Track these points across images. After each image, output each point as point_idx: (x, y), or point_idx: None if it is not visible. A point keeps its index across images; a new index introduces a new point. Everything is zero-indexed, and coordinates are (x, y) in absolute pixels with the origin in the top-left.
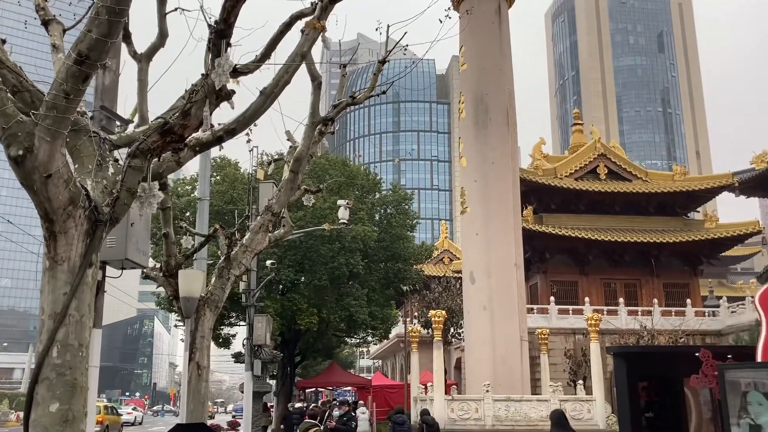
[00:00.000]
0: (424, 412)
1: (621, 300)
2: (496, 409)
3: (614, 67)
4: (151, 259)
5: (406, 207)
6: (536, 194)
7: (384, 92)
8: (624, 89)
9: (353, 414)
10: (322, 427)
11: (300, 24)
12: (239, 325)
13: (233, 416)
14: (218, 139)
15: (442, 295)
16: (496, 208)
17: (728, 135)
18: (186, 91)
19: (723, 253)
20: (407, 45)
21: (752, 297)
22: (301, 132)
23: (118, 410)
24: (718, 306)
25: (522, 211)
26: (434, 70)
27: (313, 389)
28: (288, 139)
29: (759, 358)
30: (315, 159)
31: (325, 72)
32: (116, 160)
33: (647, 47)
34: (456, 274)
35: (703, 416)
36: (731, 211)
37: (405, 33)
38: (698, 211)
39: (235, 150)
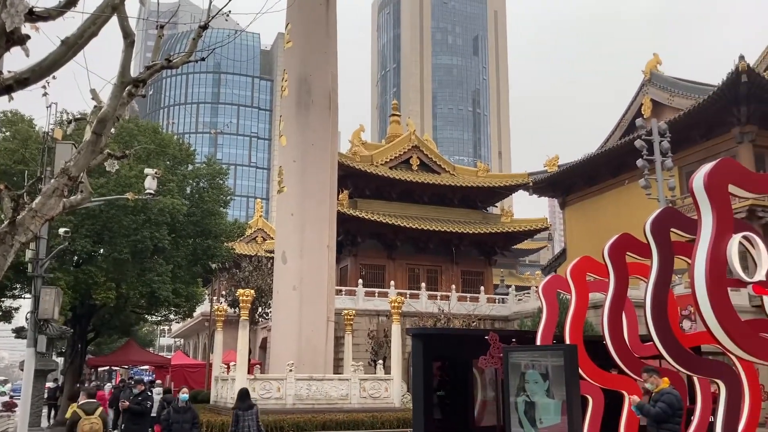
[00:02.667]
0: (166, 391)
1: (423, 284)
2: (298, 388)
3: (433, 64)
4: None
5: (221, 182)
6: (353, 179)
7: (203, 59)
8: (440, 86)
9: (149, 394)
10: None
11: None
12: (24, 298)
13: (11, 396)
14: (7, 88)
15: (253, 274)
16: (313, 190)
17: (528, 138)
18: None
19: (515, 246)
20: (230, 12)
21: (537, 287)
22: (108, 92)
23: None
24: (507, 294)
25: (338, 195)
26: (259, 45)
27: (107, 368)
28: (93, 98)
29: (538, 342)
30: (123, 123)
31: (141, 30)
32: None
33: (464, 49)
34: (268, 254)
35: (488, 394)
36: (525, 208)
37: (229, 0)
38: (496, 206)
39: (30, 105)
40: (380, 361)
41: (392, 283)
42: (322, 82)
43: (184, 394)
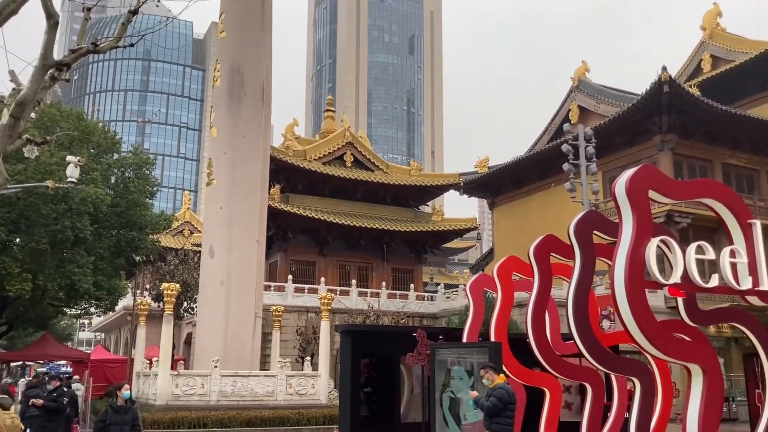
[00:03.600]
0: (30, 385)
1: (353, 281)
2: (223, 384)
3: (369, 62)
4: None
5: (147, 172)
6: (285, 174)
7: (132, 45)
8: (375, 84)
9: (65, 389)
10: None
11: None
12: None
13: None
14: None
15: (179, 267)
16: (243, 183)
17: (461, 139)
18: None
19: (445, 245)
20: None
21: (465, 285)
22: (29, 75)
23: None
24: (436, 292)
25: (269, 189)
26: (191, 33)
27: (20, 363)
28: (11, 80)
29: (465, 339)
30: (44, 107)
31: (66, 12)
32: None
33: (399, 48)
34: (195, 248)
35: (414, 391)
36: (455, 207)
37: None
38: (428, 205)
39: None
40: (308, 358)
41: (322, 279)
42: (255, 73)
43: (126, 391)
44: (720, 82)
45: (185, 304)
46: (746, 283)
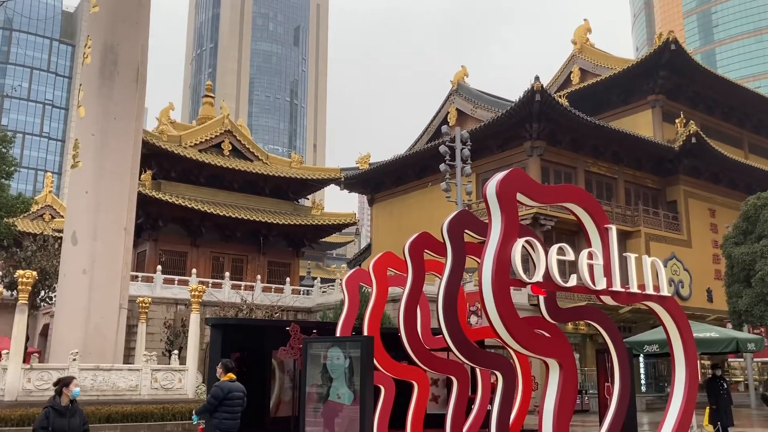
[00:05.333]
0: None
1: (227, 274)
2: (82, 378)
3: (252, 50)
4: None
5: (5, 150)
6: (158, 159)
7: None
8: (258, 73)
9: None
10: None
11: None
12: None
13: None
14: None
15: (37, 254)
16: (112, 167)
17: (344, 134)
18: None
19: (323, 239)
20: None
21: (341, 280)
22: None
23: None
24: (312, 286)
25: (140, 175)
26: (60, 5)
27: None
28: None
29: (338, 333)
30: None
31: None
32: None
33: (284, 38)
34: (57, 233)
35: (285, 385)
36: (335, 202)
37: None
38: (308, 199)
39: None
40: (176, 352)
41: (194, 271)
42: (130, 53)
43: (76, 388)
44: (587, 94)
45: (42, 293)
46: (601, 284)
